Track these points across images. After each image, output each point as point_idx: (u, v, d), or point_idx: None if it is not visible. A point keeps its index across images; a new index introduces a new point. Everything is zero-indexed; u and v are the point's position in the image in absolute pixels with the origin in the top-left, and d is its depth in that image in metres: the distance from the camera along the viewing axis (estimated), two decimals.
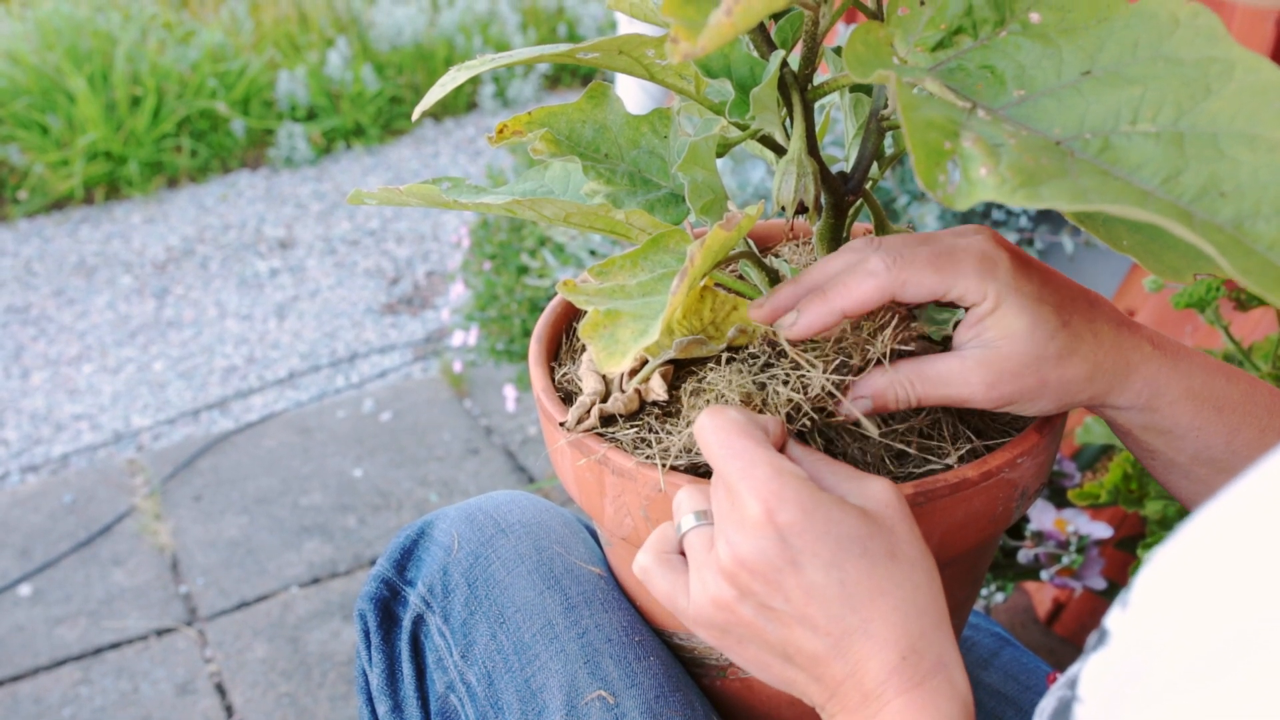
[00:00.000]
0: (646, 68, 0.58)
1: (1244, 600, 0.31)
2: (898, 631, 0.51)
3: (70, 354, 2.77)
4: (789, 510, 0.52)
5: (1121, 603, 0.37)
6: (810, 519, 0.52)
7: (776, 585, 0.52)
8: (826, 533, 0.52)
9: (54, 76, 3.45)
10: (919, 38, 0.49)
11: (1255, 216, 0.37)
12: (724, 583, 0.54)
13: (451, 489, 2.14)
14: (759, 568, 0.52)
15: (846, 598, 0.51)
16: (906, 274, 0.56)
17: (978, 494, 0.58)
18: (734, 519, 0.53)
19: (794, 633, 0.53)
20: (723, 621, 0.55)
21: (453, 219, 3.27)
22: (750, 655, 0.56)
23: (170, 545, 2.04)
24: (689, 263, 0.47)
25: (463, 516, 0.84)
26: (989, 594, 1.36)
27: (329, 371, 2.66)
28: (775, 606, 0.53)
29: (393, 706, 0.82)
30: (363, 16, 4.00)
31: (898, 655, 0.51)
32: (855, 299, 0.56)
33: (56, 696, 1.73)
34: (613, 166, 0.62)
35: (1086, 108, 0.43)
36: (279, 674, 1.75)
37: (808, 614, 0.52)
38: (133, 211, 3.42)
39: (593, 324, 0.49)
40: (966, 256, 0.56)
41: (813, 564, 0.51)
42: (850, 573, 0.51)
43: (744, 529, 0.52)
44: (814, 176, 0.57)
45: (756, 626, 0.54)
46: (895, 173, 1.68)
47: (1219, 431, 0.59)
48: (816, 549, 0.51)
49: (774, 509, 0.52)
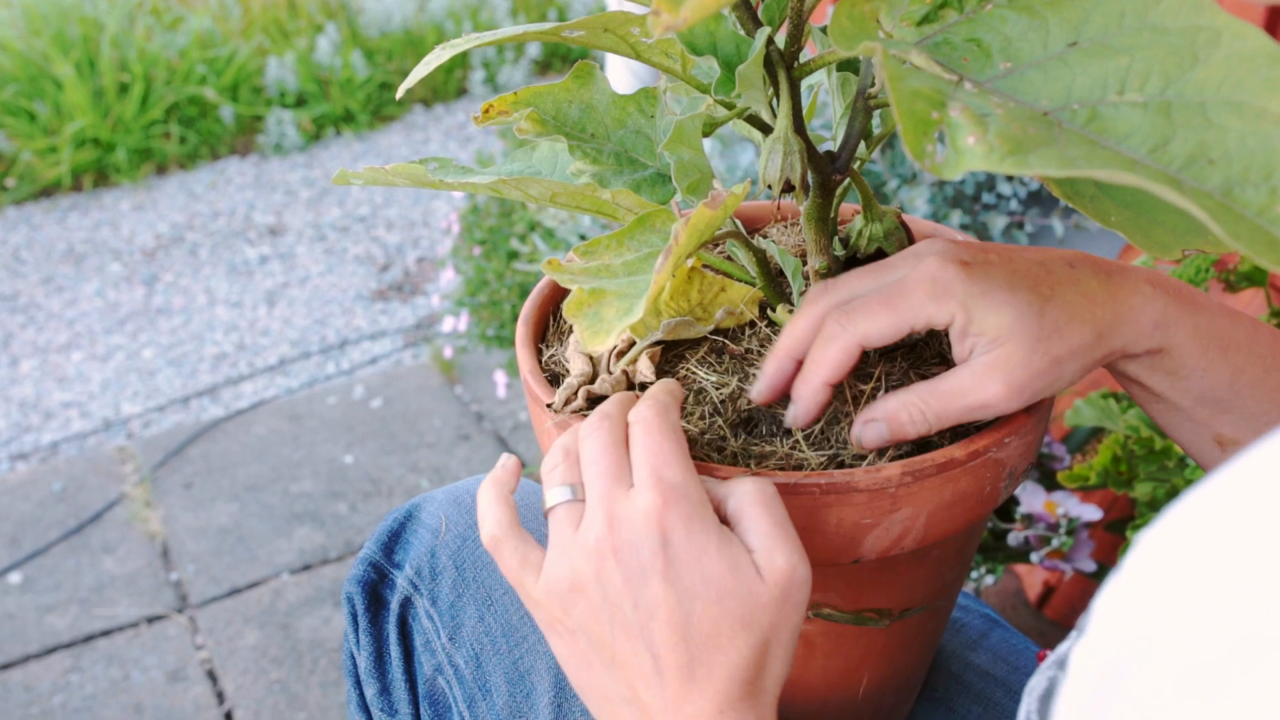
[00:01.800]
0: (632, 46, 0.57)
1: (1245, 598, 0.28)
2: (720, 689, 0.52)
3: (59, 342, 2.76)
4: (679, 524, 0.52)
5: (1109, 586, 0.36)
6: (692, 540, 0.52)
7: (635, 586, 0.52)
8: (700, 565, 0.52)
9: (41, 63, 3.43)
10: (904, 12, 0.48)
11: (1244, 183, 0.37)
12: (586, 563, 0.53)
13: (442, 475, 2.14)
14: (629, 560, 0.52)
15: (684, 632, 0.51)
16: (864, 325, 0.56)
17: (965, 474, 0.57)
18: (624, 502, 0.53)
19: (630, 643, 0.53)
20: (567, 604, 0.54)
21: (443, 205, 3.26)
22: (575, 648, 0.55)
23: (160, 533, 2.04)
24: (673, 241, 0.46)
25: (450, 499, 0.84)
26: (979, 576, 1.36)
27: (319, 358, 2.65)
28: (623, 608, 0.52)
29: (381, 689, 0.82)
30: (352, 2, 3.98)
31: (715, 708, 0.52)
32: (830, 368, 0.57)
33: (47, 684, 1.73)
34: (599, 146, 0.62)
35: (1073, 79, 0.43)
36: (270, 661, 1.75)
37: (650, 629, 0.52)
38: (121, 199, 3.41)
39: (577, 303, 0.49)
40: (915, 287, 0.55)
41: (667, 574, 0.52)
42: (699, 614, 0.52)
43: (631, 515, 0.52)
44: (800, 154, 0.56)
45: (598, 620, 0.53)
46: (885, 155, 1.68)
47: (1224, 371, 0.58)
48: (679, 568, 0.52)
49: (666, 515, 0.52)
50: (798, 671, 0.68)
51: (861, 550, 0.58)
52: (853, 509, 0.56)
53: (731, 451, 0.60)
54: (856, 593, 0.63)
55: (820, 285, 0.59)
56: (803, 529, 0.57)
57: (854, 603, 0.64)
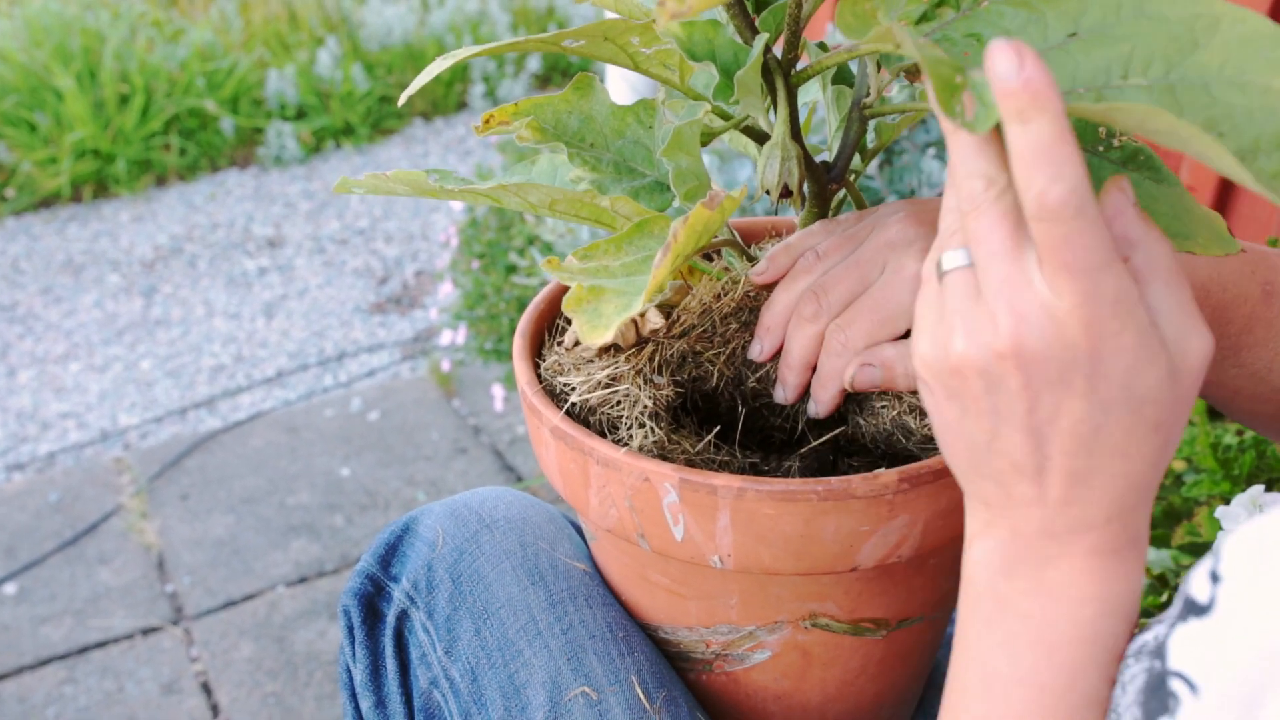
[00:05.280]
0: (631, 56, 0.58)
1: None
2: (1116, 496, 0.47)
3: (57, 352, 2.76)
4: (1099, 328, 0.44)
5: (1212, 570, 0.36)
6: (1115, 349, 0.44)
7: (1037, 392, 0.45)
8: (1120, 376, 0.45)
9: (42, 74, 3.43)
10: (902, 12, 0.49)
11: (1255, 152, 0.37)
12: (977, 353, 0.46)
13: (439, 488, 2.13)
14: (1034, 367, 0.45)
15: (1089, 442, 0.46)
16: (864, 340, 0.61)
17: None
18: (1028, 295, 0.45)
19: (1016, 439, 0.47)
20: (955, 386, 0.48)
21: (441, 218, 3.26)
22: (955, 423, 0.49)
23: (156, 544, 2.03)
24: (672, 238, 0.46)
25: (447, 512, 0.84)
26: None
27: (317, 370, 2.65)
28: (1016, 408, 0.46)
29: (376, 702, 0.82)
30: (352, 16, 3.99)
31: (1104, 516, 0.47)
32: (843, 378, 0.62)
33: (41, 696, 1.72)
34: (598, 155, 0.62)
35: (1076, 66, 0.43)
36: (265, 673, 1.75)
37: (1046, 434, 0.46)
38: (121, 210, 3.41)
39: (576, 298, 0.49)
40: (902, 289, 0.60)
41: (1084, 392, 0.45)
42: (1109, 426, 0.46)
43: (1039, 314, 0.44)
44: (798, 160, 0.57)
45: (983, 407, 0.47)
46: (883, 172, 1.68)
47: (1224, 335, 0.59)
48: (1100, 383, 0.45)
49: (1086, 317, 0.44)
50: (794, 683, 0.68)
51: (859, 558, 0.58)
52: (850, 516, 0.56)
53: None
54: (854, 602, 0.63)
55: (805, 268, 0.64)
56: (800, 537, 0.57)
57: (851, 613, 0.64)
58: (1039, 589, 0.48)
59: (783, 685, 0.68)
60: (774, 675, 0.68)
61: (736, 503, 0.57)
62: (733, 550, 0.59)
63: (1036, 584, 0.48)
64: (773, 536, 0.57)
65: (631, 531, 0.62)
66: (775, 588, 0.62)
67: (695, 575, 0.64)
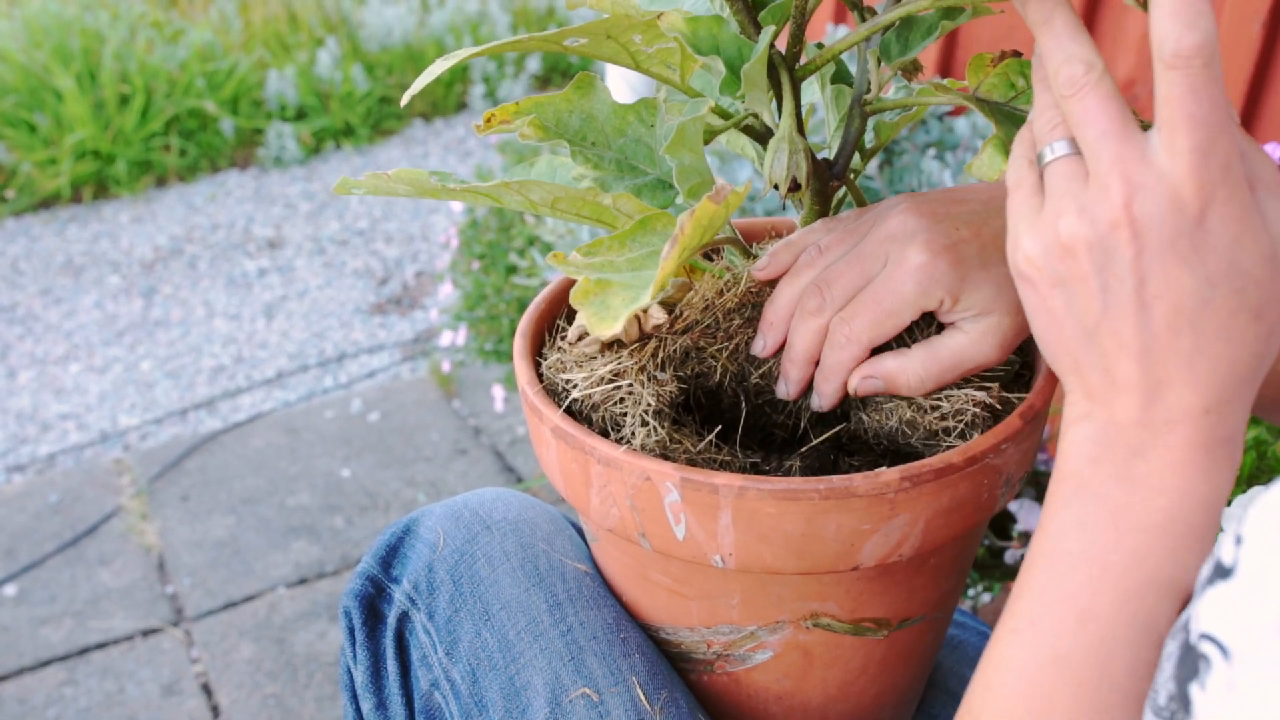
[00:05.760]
0: (633, 55, 0.58)
1: None
2: (1216, 383, 0.47)
3: (57, 353, 2.76)
4: (1213, 200, 0.45)
5: (1237, 534, 0.37)
6: (1227, 221, 0.46)
7: (1147, 264, 0.46)
8: (1225, 249, 0.46)
9: (42, 75, 3.43)
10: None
11: None
12: (1090, 229, 0.47)
13: (440, 489, 2.13)
14: (1147, 236, 0.45)
15: (1195, 320, 0.46)
16: (868, 333, 0.61)
17: (963, 479, 0.58)
18: (1142, 167, 0.45)
19: (1122, 319, 0.47)
20: (1063, 271, 0.48)
21: (441, 219, 3.26)
22: (1061, 311, 0.49)
23: (157, 545, 2.03)
24: (679, 231, 0.46)
25: (448, 513, 0.84)
26: (976, 594, 1.36)
27: (317, 371, 2.65)
28: (1125, 284, 0.47)
29: (377, 704, 0.82)
30: (352, 16, 3.99)
31: (1202, 405, 0.47)
32: (846, 372, 0.63)
33: (41, 697, 1.72)
34: (600, 153, 0.62)
35: None
36: (265, 675, 1.75)
37: (1152, 310, 0.46)
38: (121, 211, 3.41)
39: (584, 291, 0.49)
40: (904, 284, 0.60)
41: (1193, 263, 0.46)
42: (1215, 304, 0.46)
43: (1153, 184, 0.45)
44: (805, 153, 0.57)
45: (1087, 289, 0.48)
46: (884, 173, 1.68)
47: None
48: (1208, 254, 0.45)
49: (1202, 187, 0.45)
50: (795, 684, 0.67)
51: (860, 557, 0.58)
52: (851, 515, 0.56)
53: None
54: (855, 602, 0.63)
55: (808, 263, 0.64)
56: (801, 536, 0.57)
57: (853, 612, 0.63)
58: (1124, 476, 0.49)
59: (784, 686, 0.68)
60: (775, 675, 0.67)
61: (738, 502, 0.57)
62: (734, 549, 0.58)
63: (1123, 471, 0.49)
64: (774, 535, 0.57)
65: (633, 531, 0.62)
66: (777, 587, 0.62)
67: (697, 575, 0.64)
